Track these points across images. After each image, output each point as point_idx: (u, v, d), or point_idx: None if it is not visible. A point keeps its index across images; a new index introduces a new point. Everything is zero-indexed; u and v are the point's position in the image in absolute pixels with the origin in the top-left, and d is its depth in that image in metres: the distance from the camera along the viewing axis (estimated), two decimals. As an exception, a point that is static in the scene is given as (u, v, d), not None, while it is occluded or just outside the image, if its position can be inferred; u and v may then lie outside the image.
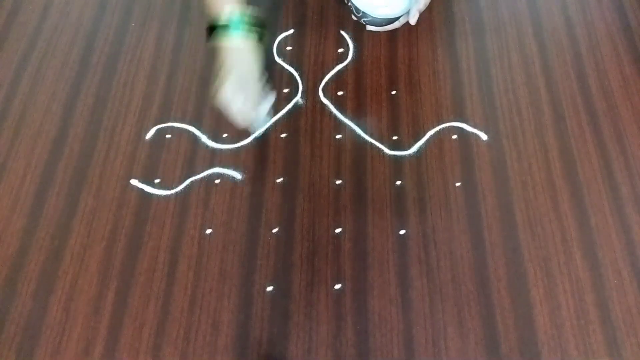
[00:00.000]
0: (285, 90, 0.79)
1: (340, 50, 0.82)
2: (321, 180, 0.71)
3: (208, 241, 0.67)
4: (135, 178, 0.72)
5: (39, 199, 0.70)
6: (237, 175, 0.72)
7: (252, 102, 0.70)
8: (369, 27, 0.80)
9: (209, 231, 0.68)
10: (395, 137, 0.74)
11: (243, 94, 0.69)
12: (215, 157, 0.73)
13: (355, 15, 0.78)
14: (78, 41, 0.84)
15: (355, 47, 0.82)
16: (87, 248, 0.67)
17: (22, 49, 0.83)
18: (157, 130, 0.75)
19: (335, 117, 0.76)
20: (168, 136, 0.75)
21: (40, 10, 0.87)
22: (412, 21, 0.77)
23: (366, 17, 0.77)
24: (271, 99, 0.73)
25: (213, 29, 0.70)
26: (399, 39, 0.83)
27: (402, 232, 0.67)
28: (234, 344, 0.61)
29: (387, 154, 0.73)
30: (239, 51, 0.70)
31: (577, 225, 0.68)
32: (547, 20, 0.85)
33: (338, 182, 0.71)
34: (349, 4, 0.78)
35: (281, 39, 0.83)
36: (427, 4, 0.76)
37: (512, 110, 0.76)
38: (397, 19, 0.77)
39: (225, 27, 0.69)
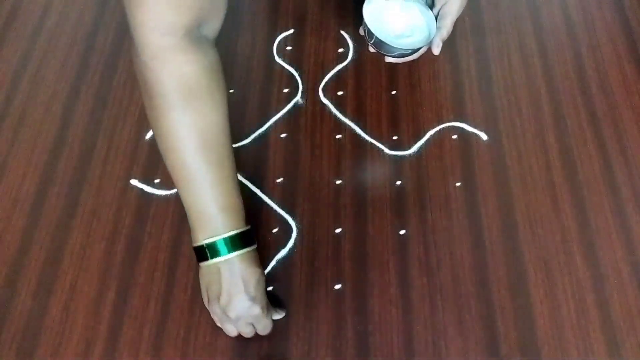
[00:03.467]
0: (285, 90, 0.79)
1: (341, 50, 0.82)
2: (321, 180, 0.71)
3: (208, 241, 0.67)
4: (135, 178, 0.72)
5: (39, 199, 0.70)
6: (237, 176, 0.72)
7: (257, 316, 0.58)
8: (388, 59, 0.70)
9: (209, 231, 0.68)
10: (395, 137, 0.74)
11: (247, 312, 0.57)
12: (215, 157, 0.73)
13: (373, 47, 0.69)
14: (78, 41, 0.84)
15: (355, 47, 0.82)
16: (87, 248, 0.67)
17: (22, 49, 0.83)
18: (157, 130, 0.75)
19: (335, 117, 0.76)
20: (168, 136, 0.75)
21: (40, 10, 0.87)
22: (436, 51, 0.67)
23: (386, 49, 0.67)
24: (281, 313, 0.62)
25: (199, 250, 0.57)
26: (399, 39, 0.83)
27: (402, 232, 0.67)
28: (234, 345, 0.61)
29: (387, 154, 0.73)
30: (241, 262, 0.56)
31: (577, 225, 0.68)
32: (547, 20, 0.85)
33: (338, 182, 0.71)
34: (365, 34, 0.68)
35: (281, 39, 0.83)
36: (450, 32, 0.68)
37: (512, 110, 0.76)
38: (419, 49, 0.68)
39: (210, 248, 0.56)
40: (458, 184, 0.70)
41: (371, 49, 0.70)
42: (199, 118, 0.55)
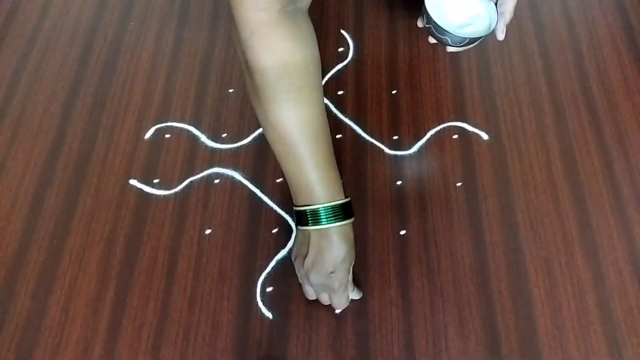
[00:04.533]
0: (285, 90, 0.78)
1: (341, 49, 0.82)
2: (321, 180, 0.71)
3: (207, 241, 0.67)
4: (134, 178, 0.71)
5: (38, 199, 0.70)
6: (237, 176, 0.71)
7: (341, 286, 0.60)
8: (450, 49, 0.70)
9: (208, 231, 0.68)
10: (395, 137, 0.74)
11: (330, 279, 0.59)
12: (214, 157, 0.73)
13: (434, 38, 0.68)
14: (77, 41, 0.84)
15: (355, 47, 0.82)
16: (86, 248, 0.67)
17: (21, 49, 0.83)
18: (156, 130, 0.75)
19: (335, 116, 0.76)
20: (167, 136, 0.75)
21: (39, 10, 0.87)
22: (501, 36, 0.67)
23: (449, 39, 0.67)
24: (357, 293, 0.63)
25: (300, 212, 0.59)
26: (400, 38, 0.83)
27: (402, 232, 0.67)
28: (234, 345, 0.61)
29: (387, 154, 0.73)
30: (329, 236, 0.58)
31: (578, 225, 0.67)
32: (548, 19, 0.85)
33: (338, 182, 0.71)
34: (425, 25, 0.68)
35: (281, 39, 0.83)
36: (512, 16, 0.67)
37: (513, 110, 0.76)
38: (482, 37, 0.67)
39: (314, 213, 0.58)
40: (459, 184, 0.70)
41: (432, 40, 0.70)
42: (299, 106, 0.57)
